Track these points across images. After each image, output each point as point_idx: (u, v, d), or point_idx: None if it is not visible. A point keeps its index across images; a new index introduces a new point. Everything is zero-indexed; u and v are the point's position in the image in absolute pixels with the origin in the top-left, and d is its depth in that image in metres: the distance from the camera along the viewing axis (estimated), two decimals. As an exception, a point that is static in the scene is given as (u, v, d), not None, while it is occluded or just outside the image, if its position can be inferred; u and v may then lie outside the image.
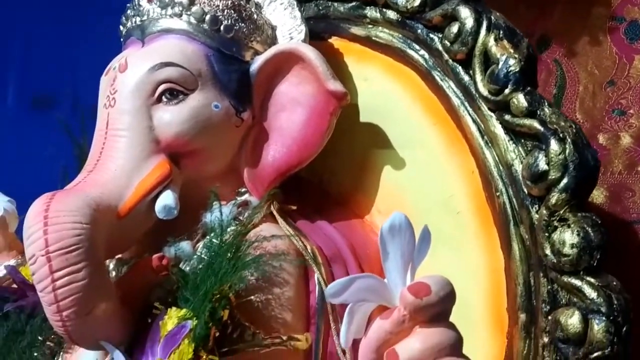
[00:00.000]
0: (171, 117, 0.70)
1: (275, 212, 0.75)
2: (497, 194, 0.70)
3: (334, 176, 0.87)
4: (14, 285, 0.81)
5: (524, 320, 0.66)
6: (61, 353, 0.74)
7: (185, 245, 0.70)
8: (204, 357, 0.58)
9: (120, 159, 0.68)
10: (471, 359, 0.47)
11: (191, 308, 0.61)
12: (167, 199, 0.69)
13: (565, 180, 0.63)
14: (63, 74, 1.88)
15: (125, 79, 0.71)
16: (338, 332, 0.68)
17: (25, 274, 0.81)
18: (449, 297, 0.46)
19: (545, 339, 0.64)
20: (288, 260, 0.69)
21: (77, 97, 1.97)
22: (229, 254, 0.62)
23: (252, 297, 0.66)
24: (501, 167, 0.70)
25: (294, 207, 0.79)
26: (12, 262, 0.93)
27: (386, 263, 0.48)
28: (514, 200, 0.69)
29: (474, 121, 0.72)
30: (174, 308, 0.63)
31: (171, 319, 0.62)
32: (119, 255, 0.75)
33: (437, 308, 0.45)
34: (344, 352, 0.68)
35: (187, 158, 0.73)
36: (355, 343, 0.68)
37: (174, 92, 0.71)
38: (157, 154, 0.70)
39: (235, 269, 0.60)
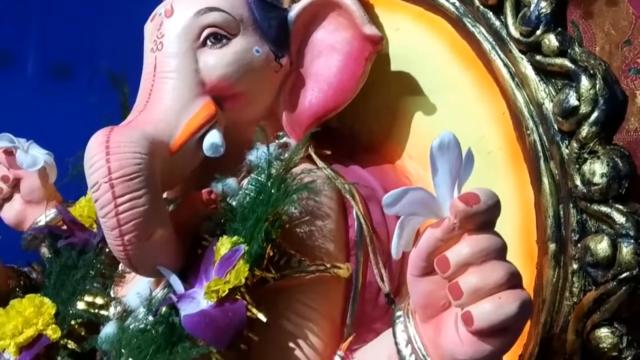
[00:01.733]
0: (215, 61, 0.74)
1: (313, 154, 0.78)
2: (528, 132, 0.73)
3: (365, 125, 0.90)
4: (64, 226, 0.85)
5: (553, 250, 0.70)
6: (112, 286, 0.78)
7: (232, 181, 0.73)
8: (260, 274, 0.62)
9: (168, 100, 0.72)
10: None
11: (243, 235, 0.65)
12: (214, 137, 0.72)
13: (595, 114, 0.66)
14: (82, 44, 1.91)
15: (172, 23, 0.74)
16: (376, 263, 0.72)
17: (75, 214, 0.85)
18: (495, 206, 0.49)
19: (575, 266, 0.68)
20: (329, 196, 0.73)
21: (95, 66, 2.01)
22: (277, 184, 0.66)
23: (297, 229, 0.70)
24: (532, 107, 0.73)
25: (329, 152, 0.82)
26: (52, 211, 0.97)
27: (435, 178, 0.52)
28: (544, 137, 0.72)
29: (505, 64, 0.76)
30: (225, 236, 0.67)
31: (224, 245, 0.66)
32: (165, 195, 0.79)
33: (485, 216, 0.49)
34: (382, 279, 0.72)
35: (230, 101, 0.76)
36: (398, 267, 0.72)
37: (218, 37, 0.74)
38: (202, 95, 0.73)
39: (286, 194, 0.64)
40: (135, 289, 0.73)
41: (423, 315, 0.53)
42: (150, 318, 0.67)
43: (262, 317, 0.61)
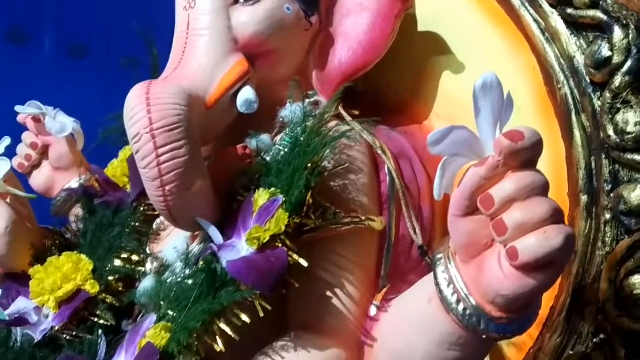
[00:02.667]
0: (248, 18, 0.74)
1: (343, 112, 0.79)
2: (559, 86, 0.73)
3: (391, 86, 0.91)
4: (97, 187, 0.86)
5: (585, 202, 0.71)
6: (147, 243, 0.79)
7: (266, 137, 0.74)
8: (299, 222, 0.63)
9: (202, 56, 0.73)
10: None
11: (280, 186, 0.66)
12: (247, 94, 0.73)
13: (628, 64, 0.67)
14: (97, 22, 1.92)
15: None
16: (409, 216, 0.73)
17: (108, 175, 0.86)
18: (539, 143, 0.50)
19: (607, 216, 0.69)
20: (361, 151, 0.74)
21: (110, 45, 2.01)
22: (313, 135, 0.67)
23: (331, 182, 0.71)
24: (562, 61, 0.74)
25: (357, 112, 0.83)
26: (82, 177, 0.98)
27: (478, 119, 0.52)
28: (575, 91, 0.73)
29: (535, 20, 0.76)
30: (262, 189, 0.68)
31: (261, 196, 0.67)
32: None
33: (529, 153, 0.50)
34: (415, 231, 0.73)
35: (261, 59, 0.77)
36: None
37: None
38: (235, 52, 0.74)
39: (325, 143, 0.65)
40: (171, 245, 0.75)
41: (464, 256, 0.54)
42: (188, 271, 0.69)
43: (303, 263, 0.62)
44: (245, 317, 0.60)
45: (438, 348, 0.59)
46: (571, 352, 0.72)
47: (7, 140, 0.81)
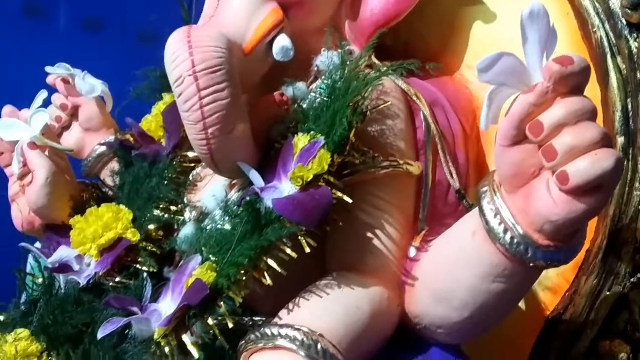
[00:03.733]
0: None
1: (376, 61, 0.79)
2: (594, 30, 0.74)
3: (421, 38, 0.91)
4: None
5: (622, 144, 0.71)
6: (185, 194, 0.80)
7: (301, 85, 0.75)
8: (342, 160, 0.63)
9: (237, 5, 0.73)
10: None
11: (319, 130, 0.67)
12: (283, 41, 0.73)
13: (667, 3, 0.67)
14: (112, -3, 1.92)
15: None
16: (446, 161, 0.74)
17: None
18: (587, 69, 0.50)
19: (645, 156, 0.70)
20: (397, 98, 0.74)
21: (126, 19, 2.01)
22: (351, 78, 0.67)
23: (369, 127, 0.71)
24: (597, 4, 0.74)
25: (389, 63, 0.83)
26: (111, 138, 0.98)
27: (525, 47, 0.53)
28: (610, 33, 0.73)
29: (568, -35, 0.76)
30: (301, 134, 0.69)
31: (301, 140, 0.67)
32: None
33: (578, 78, 0.50)
34: (452, 174, 0.73)
35: (295, 9, 0.77)
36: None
37: None
38: (269, 1, 0.74)
39: (366, 82, 0.65)
40: (210, 193, 0.75)
41: (511, 187, 0.55)
42: (227, 218, 0.70)
43: (347, 200, 0.63)
44: (291, 252, 0.61)
45: (483, 281, 0.60)
46: (608, 293, 0.73)
47: (44, 94, 0.82)
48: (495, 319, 0.66)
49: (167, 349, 0.59)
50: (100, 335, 0.60)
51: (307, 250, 0.61)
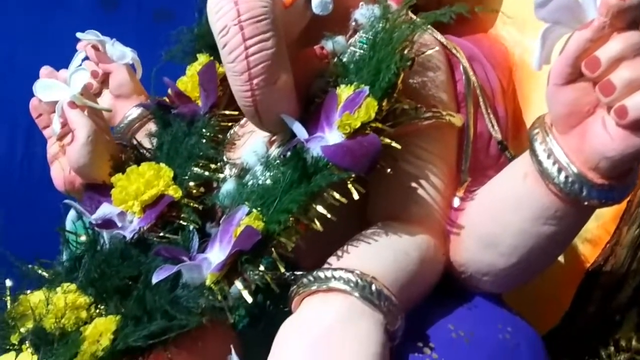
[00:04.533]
0: None
1: (413, 15, 0.79)
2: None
3: (453, -2, 0.91)
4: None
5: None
6: (224, 151, 0.80)
7: (341, 38, 0.74)
8: (389, 107, 0.63)
9: None
10: None
11: (362, 81, 0.67)
12: (322, -6, 0.73)
13: None
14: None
15: None
16: (487, 112, 0.74)
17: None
18: (644, 3, 0.50)
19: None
20: (437, 50, 0.74)
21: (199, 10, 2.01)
22: (393, 28, 0.67)
23: (410, 79, 0.71)
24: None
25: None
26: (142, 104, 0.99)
27: (579, -16, 0.53)
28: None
29: None
30: (343, 85, 0.69)
31: (345, 91, 0.67)
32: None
33: (635, 12, 0.50)
34: (493, 125, 0.73)
35: None
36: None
37: None
38: None
39: (412, 28, 0.65)
40: (250, 149, 0.76)
41: (564, 127, 0.55)
42: (268, 174, 0.70)
43: (396, 145, 0.63)
44: (340, 197, 0.61)
45: (532, 224, 0.60)
46: (650, 243, 0.73)
47: (82, 54, 0.82)
48: (540, 265, 0.66)
49: (219, 295, 0.60)
50: (154, 280, 0.60)
51: (356, 196, 0.61)
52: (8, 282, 0.72)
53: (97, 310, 0.68)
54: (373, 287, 0.57)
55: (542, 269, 0.67)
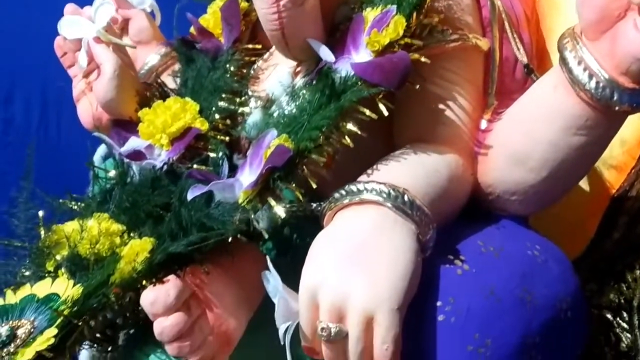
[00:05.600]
0: None
1: None
2: None
3: None
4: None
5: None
6: (248, 86, 0.81)
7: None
8: (419, 22, 0.63)
9: None
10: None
11: (390, 1, 0.67)
12: None
13: None
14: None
15: None
16: (513, 36, 0.74)
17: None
18: None
19: None
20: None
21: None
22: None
23: (435, 3, 0.71)
24: None
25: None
26: (162, 50, 0.99)
27: None
28: None
29: None
30: (369, 8, 0.69)
31: (370, 14, 0.67)
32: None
33: None
34: (518, 49, 0.73)
35: None
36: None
37: None
38: None
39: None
40: (275, 79, 0.76)
41: (595, 33, 0.55)
42: (294, 104, 0.71)
43: (425, 60, 0.63)
44: (370, 113, 0.61)
45: (563, 134, 0.60)
46: (676, 166, 0.73)
47: (104, -12, 0.82)
48: (568, 182, 0.66)
49: (252, 213, 0.61)
50: (190, 196, 0.61)
51: (385, 113, 0.62)
52: (40, 213, 0.74)
53: (131, 236, 0.69)
54: (405, 197, 0.58)
55: (569, 186, 0.68)
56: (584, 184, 0.81)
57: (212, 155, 0.75)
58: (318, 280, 0.55)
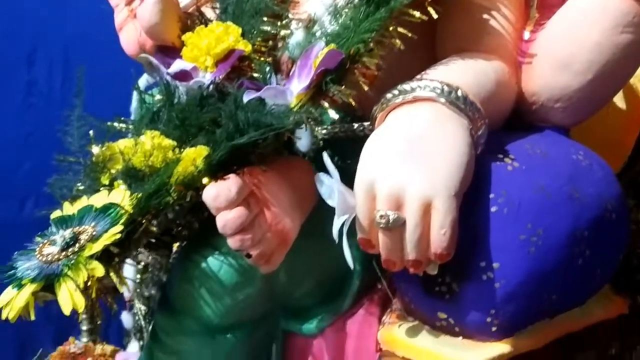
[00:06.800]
0: None
1: None
2: None
3: None
4: None
5: None
6: (288, 10, 0.82)
7: None
8: None
9: None
10: None
11: None
12: None
13: None
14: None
15: None
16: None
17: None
18: None
19: None
20: None
21: None
22: None
23: None
24: None
25: None
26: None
27: None
28: None
29: None
30: None
31: None
32: None
33: None
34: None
35: None
36: None
37: None
38: None
39: None
40: (315, 1, 0.77)
41: None
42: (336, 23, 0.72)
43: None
44: (420, 14, 0.62)
45: (609, 34, 0.61)
46: None
47: None
48: (614, 84, 0.68)
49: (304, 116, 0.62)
50: (245, 98, 0.63)
51: (435, 16, 0.63)
52: (91, 132, 0.75)
53: (183, 149, 0.70)
54: (459, 93, 0.59)
55: (612, 91, 0.69)
56: (620, 101, 0.82)
57: (255, 75, 0.76)
58: (375, 172, 0.57)
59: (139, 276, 0.95)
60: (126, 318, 1.01)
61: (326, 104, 0.63)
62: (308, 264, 0.70)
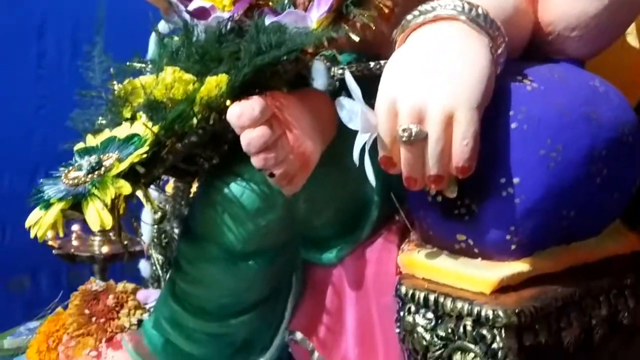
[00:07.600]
0: None
1: None
2: None
3: None
4: None
5: None
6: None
7: None
8: None
9: None
10: None
11: None
12: None
13: None
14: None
15: None
16: None
17: None
18: None
19: None
20: None
21: None
22: None
23: None
24: None
25: None
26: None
27: None
28: None
29: None
30: None
31: None
32: None
33: None
34: None
35: None
36: None
37: None
38: None
39: None
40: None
41: None
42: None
43: None
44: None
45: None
46: None
47: None
48: (629, 11, 0.68)
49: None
50: (267, 21, 0.64)
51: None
52: (112, 70, 0.76)
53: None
54: (480, 10, 0.60)
55: (629, 18, 0.69)
56: (634, 41, 0.83)
57: (274, 9, 0.77)
58: (397, 89, 0.58)
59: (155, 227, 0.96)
60: (144, 266, 1.02)
61: (347, 27, 0.64)
62: (328, 193, 0.71)
